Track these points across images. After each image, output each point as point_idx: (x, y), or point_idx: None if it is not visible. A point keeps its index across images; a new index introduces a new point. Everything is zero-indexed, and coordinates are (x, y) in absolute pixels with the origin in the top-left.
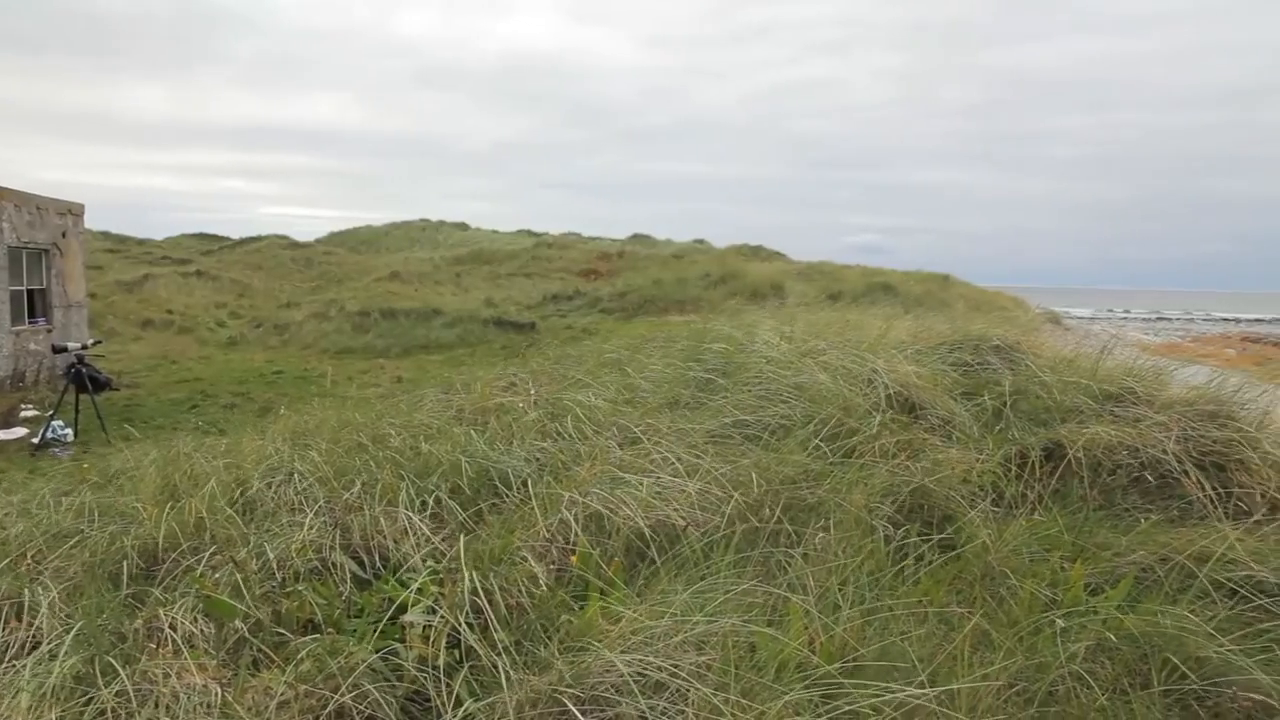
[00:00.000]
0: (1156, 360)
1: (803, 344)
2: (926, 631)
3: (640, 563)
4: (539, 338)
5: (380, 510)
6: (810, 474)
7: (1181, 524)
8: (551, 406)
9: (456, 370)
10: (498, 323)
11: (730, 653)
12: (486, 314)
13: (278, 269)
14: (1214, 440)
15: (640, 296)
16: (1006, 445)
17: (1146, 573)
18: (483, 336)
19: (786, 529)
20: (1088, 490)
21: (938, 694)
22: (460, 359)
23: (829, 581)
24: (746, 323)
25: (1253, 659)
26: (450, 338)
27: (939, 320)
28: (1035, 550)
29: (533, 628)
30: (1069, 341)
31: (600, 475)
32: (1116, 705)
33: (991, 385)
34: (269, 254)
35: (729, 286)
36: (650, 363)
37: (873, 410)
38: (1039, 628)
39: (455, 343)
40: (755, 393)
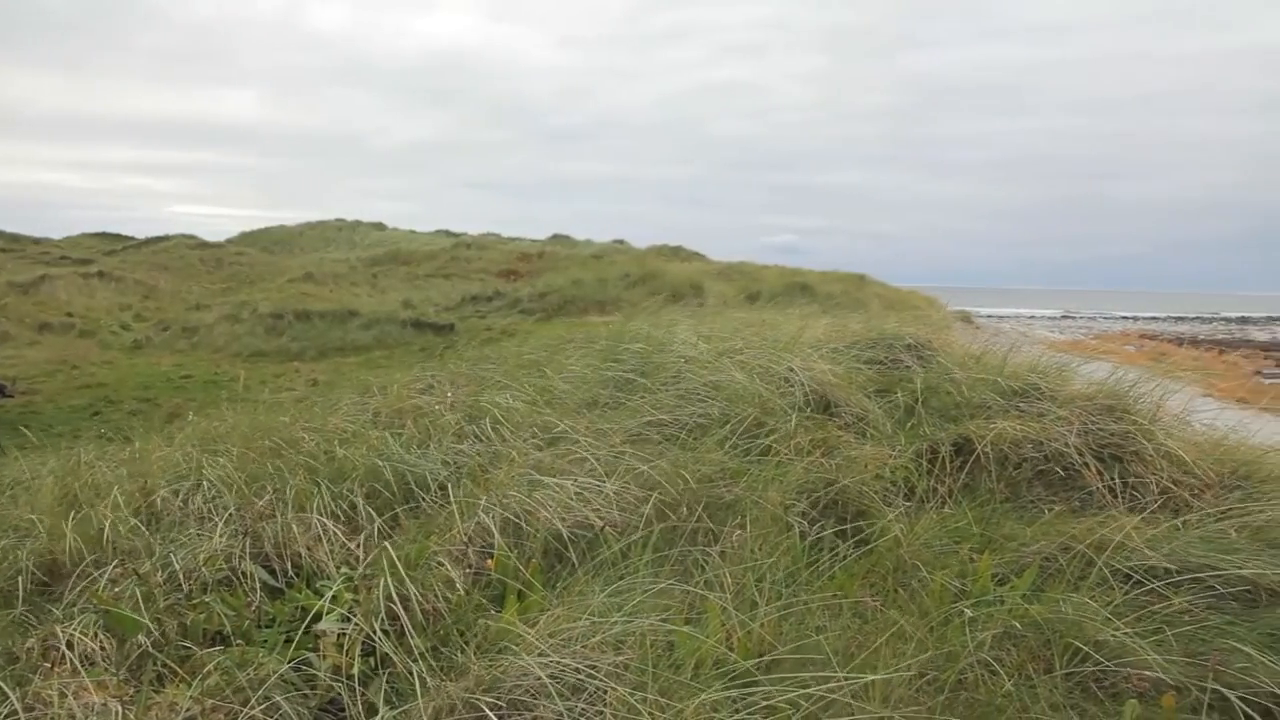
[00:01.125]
0: (1061, 357)
1: (720, 343)
2: (841, 625)
3: (559, 564)
4: (458, 339)
5: (293, 517)
6: (727, 472)
7: (1082, 514)
8: (469, 409)
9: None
10: (416, 324)
11: (648, 652)
12: (404, 315)
13: (185, 270)
14: (1112, 433)
15: (560, 297)
16: (918, 441)
17: (1050, 562)
18: (400, 338)
19: (704, 527)
20: (995, 483)
21: (853, 686)
22: (377, 361)
23: (746, 578)
24: (665, 322)
25: (1146, 640)
26: (367, 340)
27: (854, 319)
28: (945, 543)
29: (450, 633)
30: (979, 340)
31: (518, 477)
32: (1022, 690)
33: (904, 383)
34: (176, 254)
35: (649, 286)
36: (569, 363)
37: (789, 409)
38: (949, 618)
39: (372, 345)
40: (673, 392)
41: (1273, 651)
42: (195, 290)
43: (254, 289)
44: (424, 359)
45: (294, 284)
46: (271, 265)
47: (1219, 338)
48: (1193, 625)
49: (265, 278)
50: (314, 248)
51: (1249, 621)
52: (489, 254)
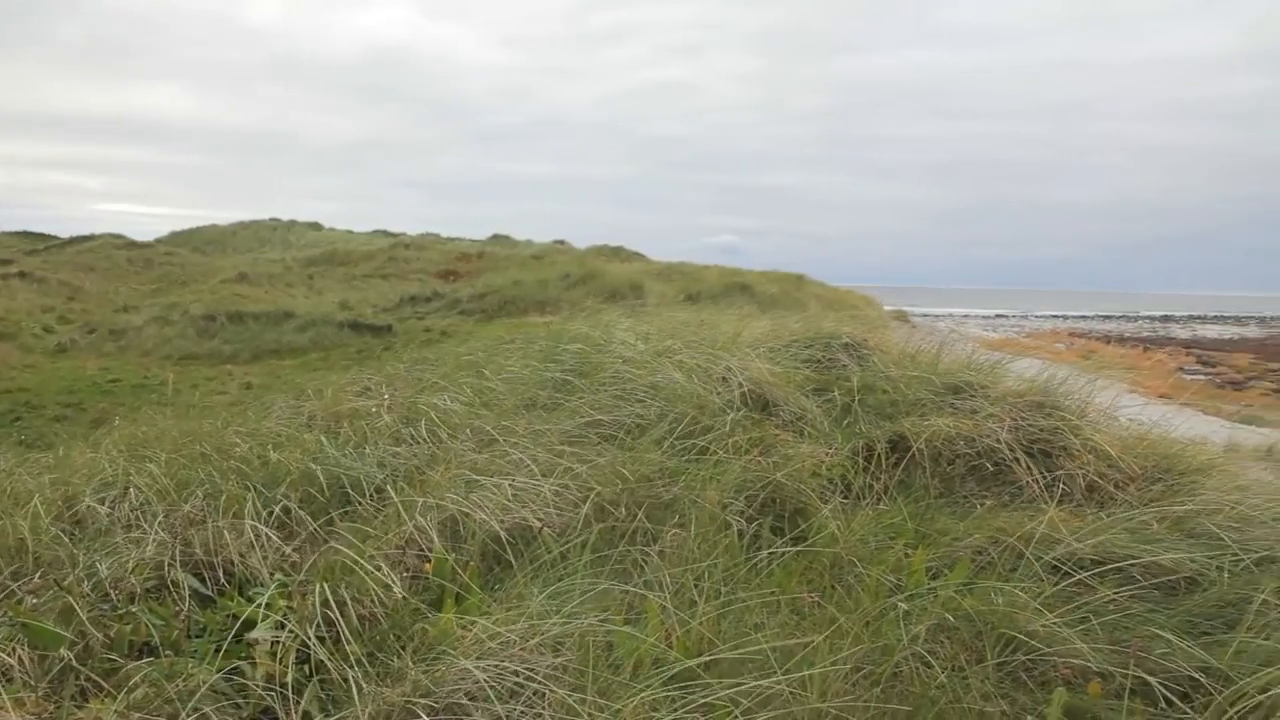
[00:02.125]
0: (993, 355)
1: (659, 344)
2: (779, 622)
3: (497, 566)
4: (396, 340)
5: (225, 523)
6: (666, 472)
7: (1013, 508)
8: (407, 411)
9: (309, 375)
10: (353, 325)
11: (588, 653)
12: (341, 317)
13: (113, 270)
14: (1041, 429)
15: (500, 298)
16: (855, 439)
17: (981, 555)
18: (337, 340)
19: (643, 527)
20: (929, 479)
21: (790, 681)
22: (314, 363)
23: (685, 578)
24: (605, 323)
25: (1073, 629)
26: (303, 342)
27: (793, 319)
28: (881, 538)
29: (386, 638)
30: (915, 338)
31: (455, 479)
32: (955, 681)
33: (841, 381)
34: (103, 254)
35: (589, 287)
36: (508, 364)
37: (727, 408)
38: (884, 612)
39: (308, 347)
40: (612, 392)
41: (1191, 637)
42: (123, 291)
43: (185, 290)
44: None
45: (227, 285)
46: (204, 266)
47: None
48: (1117, 614)
49: (197, 279)
50: (248, 248)
51: (1169, 609)
52: (428, 254)
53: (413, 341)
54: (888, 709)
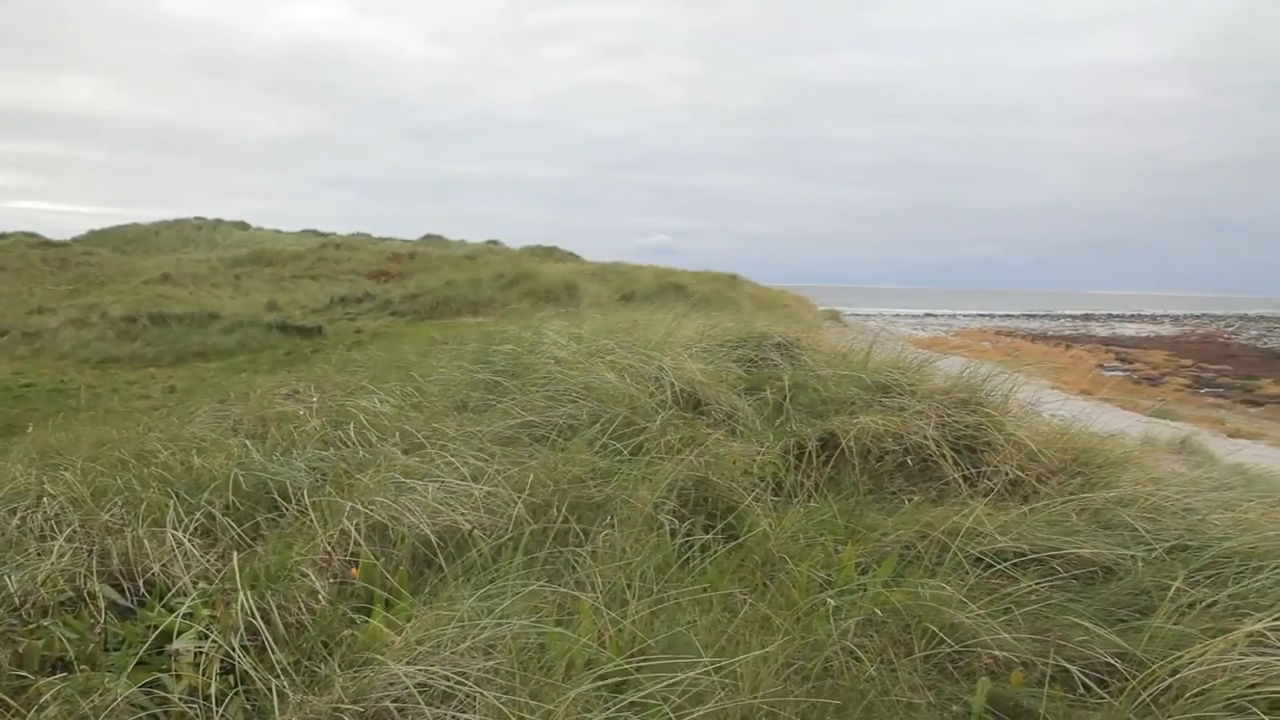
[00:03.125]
0: (922, 353)
1: (592, 344)
2: (711, 619)
3: (427, 570)
4: (326, 342)
5: (145, 532)
6: (597, 472)
7: (940, 503)
8: (335, 413)
9: (236, 378)
10: (281, 327)
11: (519, 655)
12: (269, 318)
13: (26, 270)
14: (967, 425)
15: (433, 298)
16: (786, 437)
17: (909, 549)
18: (265, 342)
19: (575, 528)
20: (859, 476)
21: (722, 677)
22: (240, 366)
23: (617, 577)
24: (538, 324)
25: (996, 620)
26: (229, 344)
27: (726, 319)
28: (811, 535)
29: (314, 645)
30: (846, 338)
31: (384, 482)
32: (883, 674)
33: (773, 380)
34: (15, 253)
35: (523, 287)
36: (440, 366)
37: (659, 407)
38: (814, 608)
39: (235, 349)
40: (544, 393)
41: (1107, 624)
42: (37, 292)
43: (104, 291)
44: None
45: (149, 286)
46: (124, 266)
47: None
48: (1038, 604)
49: (117, 279)
50: (171, 247)
51: (1088, 598)
52: (359, 254)
53: (343, 343)
54: (818, 703)
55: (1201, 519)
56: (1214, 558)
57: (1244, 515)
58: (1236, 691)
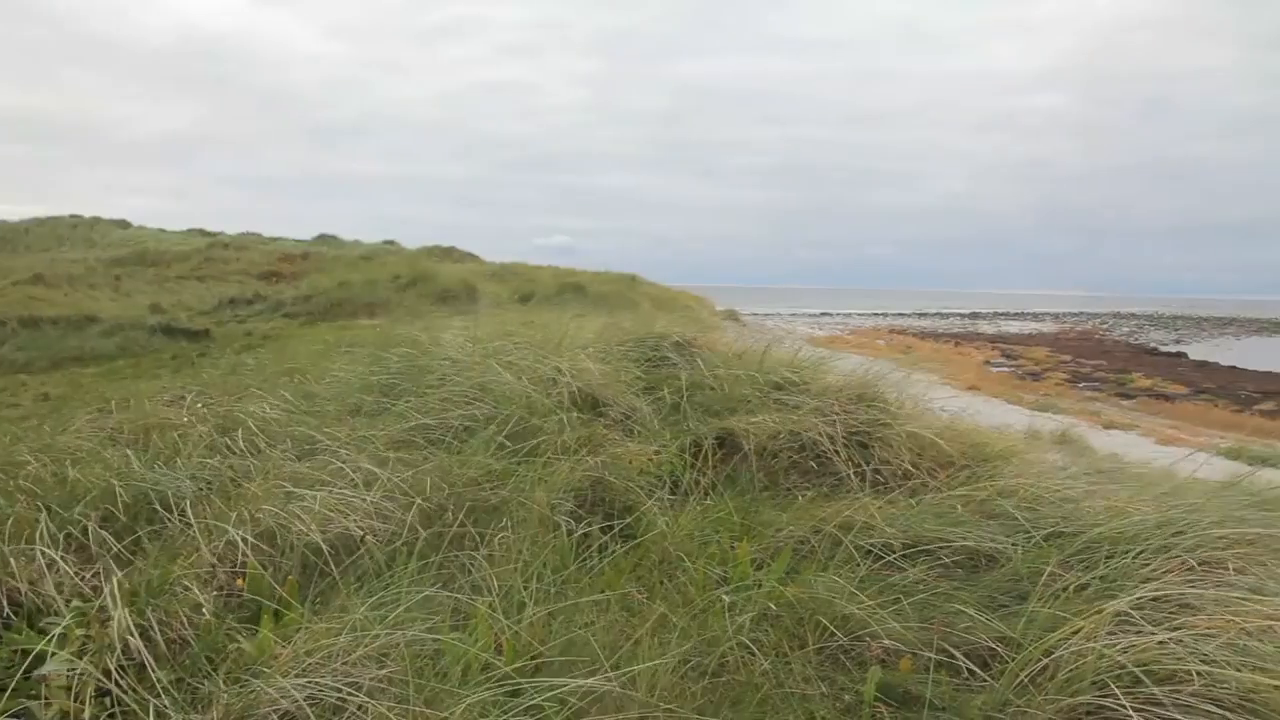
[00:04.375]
0: (818, 352)
1: (489, 345)
2: (609, 620)
3: (319, 579)
4: (214, 346)
5: (12, 549)
6: (494, 475)
7: (834, 498)
8: (222, 419)
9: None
10: (166, 330)
11: (413, 662)
12: (153, 321)
13: None
14: (860, 421)
15: (327, 300)
16: (683, 436)
17: (803, 544)
18: (149, 346)
19: (470, 532)
20: (755, 474)
21: (619, 678)
22: (121, 371)
23: (514, 580)
24: (435, 325)
25: (886, 610)
26: (109, 348)
27: (625, 319)
28: (708, 533)
29: (197, 661)
30: (745, 337)
31: (273, 490)
32: (778, 667)
33: (670, 380)
34: None
35: (420, 288)
36: (333, 369)
37: (556, 408)
38: (710, 605)
39: (115, 353)
40: (440, 396)
41: (989, 610)
42: None
43: None
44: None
45: (19, 287)
46: None
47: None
48: (926, 593)
49: None
50: (44, 246)
51: (971, 586)
52: (249, 254)
53: (232, 347)
54: (714, 699)
55: (1076, 507)
56: (1086, 543)
57: (1114, 502)
58: (1105, 668)
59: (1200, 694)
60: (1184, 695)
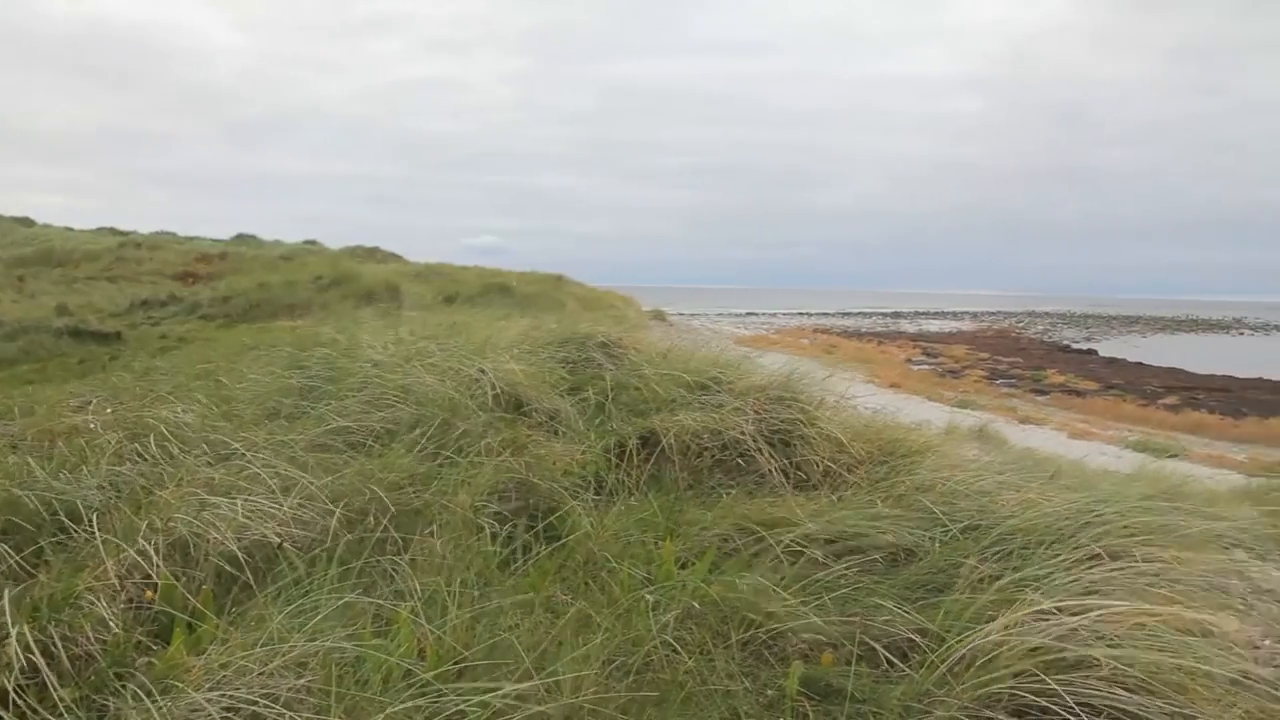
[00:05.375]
0: (742, 351)
1: (412, 347)
2: (533, 623)
3: (235, 588)
4: (126, 349)
5: None
6: (416, 478)
7: (757, 496)
8: (133, 425)
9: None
10: (74, 333)
11: (333, 671)
12: (59, 323)
13: None
14: (783, 420)
15: (246, 301)
16: (607, 436)
17: (727, 542)
18: (55, 349)
19: (392, 536)
20: (679, 473)
21: (543, 681)
22: (25, 377)
23: (437, 585)
24: (357, 326)
25: (809, 606)
26: (11, 352)
27: (551, 319)
28: (633, 533)
29: (104, 678)
30: (671, 337)
31: (187, 497)
32: (702, 665)
33: (596, 380)
34: None
35: (343, 289)
36: (250, 372)
37: (480, 410)
38: (635, 605)
39: (18, 357)
40: (361, 398)
41: (909, 603)
42: None
43: None
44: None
45: None
46: None
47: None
48: (847, 588)
49: None
50: None
51: (891, 580)
52: (163, 254)
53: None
54: (638, 698)
55: (991, 500)
56: (1000, 535)
57: (1028, 495)
58: (1019, 655)
59: (1108, 678)
60: (1093, 679)
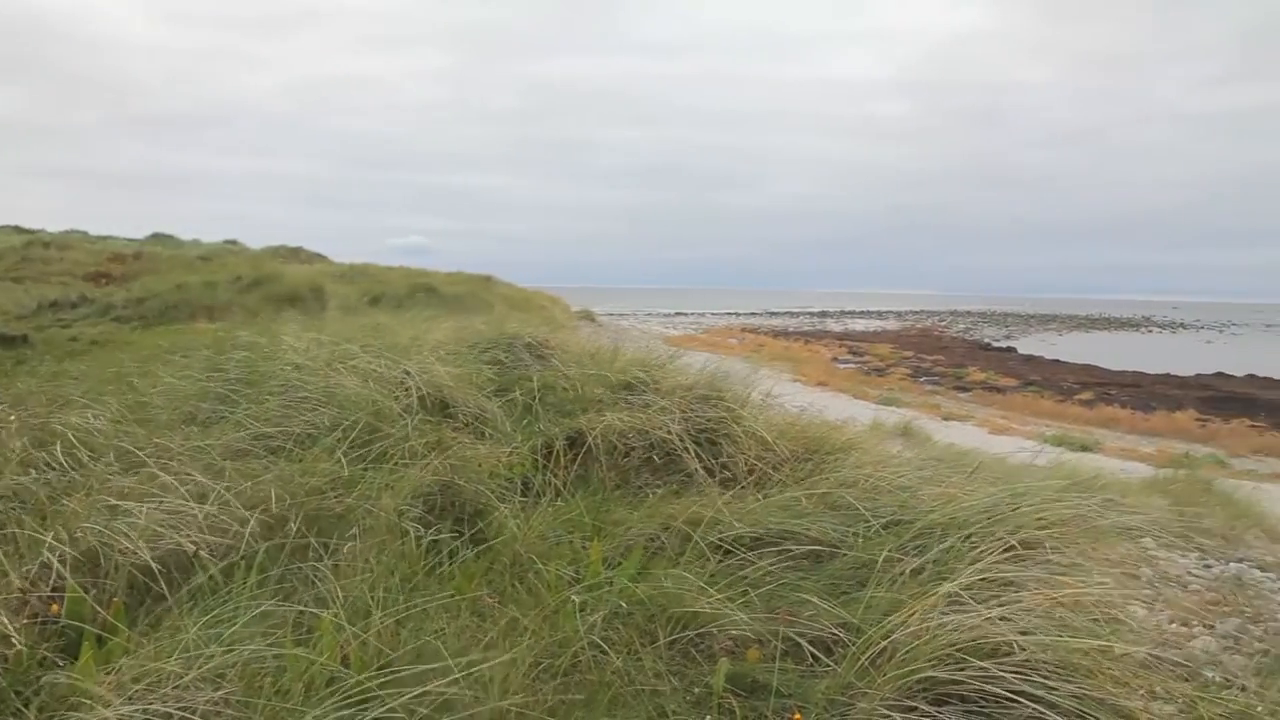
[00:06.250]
0: (670, 351)
1: (335, 349)
2: (459, 625)
3: (148, 599)
4: (33, 353)
5: None
6: (338, 482)
7: (683, 494)
8: (39, 432)
9: None
10: None
11: (252, 681)
12: None
13: None
14: (708, 419)
15: (162, 303)
16: (535, 437)
17: (654, 541)
18: None
19: (313, 542)
20: (605, 473)
21: (470, 683)
22: None
23: (360, 589)
24: (278, 328)
25: (735, 603)
26: None
27: (479, 320)
28: (560, 534)
29: (4, 696)
30: (601, 337)
31: (96, 506)
32: (629, 664)
33: (523, 381)
34: None
35: (265, 290)
36: (166, 376)
37: (405, 412)
38: (562, 605)
39: None
40: (281, 402)
41: (833, 597)
42: None
43: None
44: None
45: None
46: None
47: (805, 330)
48: (772, 584)
49: None
50: None
51: (816, 575)
52: (73, 254)
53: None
54: (565, 700)
55: (912, 495)
56: (921, 529)
57: (948, 490)
58: (938, 646)
59: (1022, 664)
60: (1008, 666)
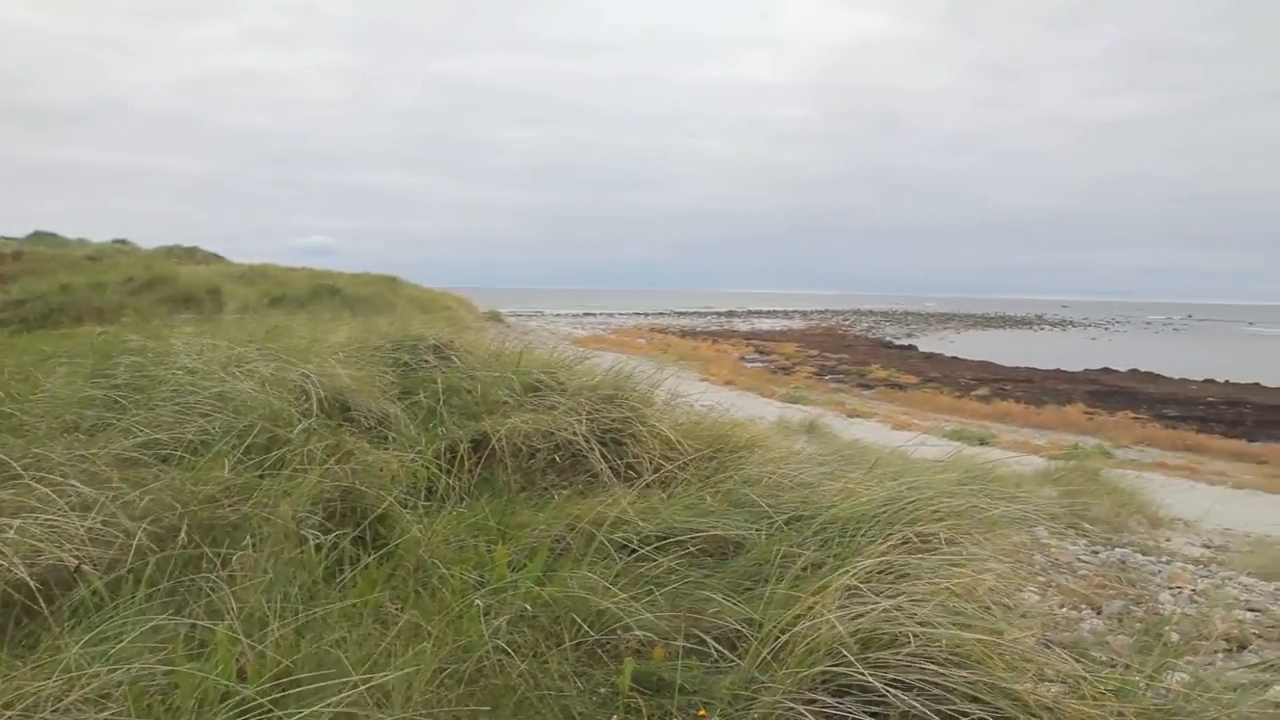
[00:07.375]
0: (577, 351)
1: (229, 352)
2: (361, 633)
3: (26, 618)
4: None
5: None
6: (233, 490)
7: (589, 495)
8: None
9: None
10: None
11: (140, 700)
12: None
13: None
14: (613, 419)
15: (44, 305)
16: (439, 440)
17: (559, 542)
18: None
19: (207, 552)
20: (510, 475)
21: (372, 692)
22: None
23: (257, 600)
24: (169, 331)
25: (640, 603)
26: None
27: (383, 322)
28: (464, 538)
29: None
30: (508, 338)
31: None
32: (535, 668)
33: (427, 383)
34: None
35: (158, 292)
36: (47, 382)
37: (304, 416)
38: (466, 610)
39: None
40: (172, 408)
41: (736, 594)
42: None
43: None
44: None
45: None
46: None
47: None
48: (677, 583)
49: None
50: None
51: (720, 572)
52: None
53: None
54: (469, 707)
55: (814, 491)
56: (822, 524)
57: (848, 485)
58: (836, 638)
59: (917, 653)
60: (903, 655)
